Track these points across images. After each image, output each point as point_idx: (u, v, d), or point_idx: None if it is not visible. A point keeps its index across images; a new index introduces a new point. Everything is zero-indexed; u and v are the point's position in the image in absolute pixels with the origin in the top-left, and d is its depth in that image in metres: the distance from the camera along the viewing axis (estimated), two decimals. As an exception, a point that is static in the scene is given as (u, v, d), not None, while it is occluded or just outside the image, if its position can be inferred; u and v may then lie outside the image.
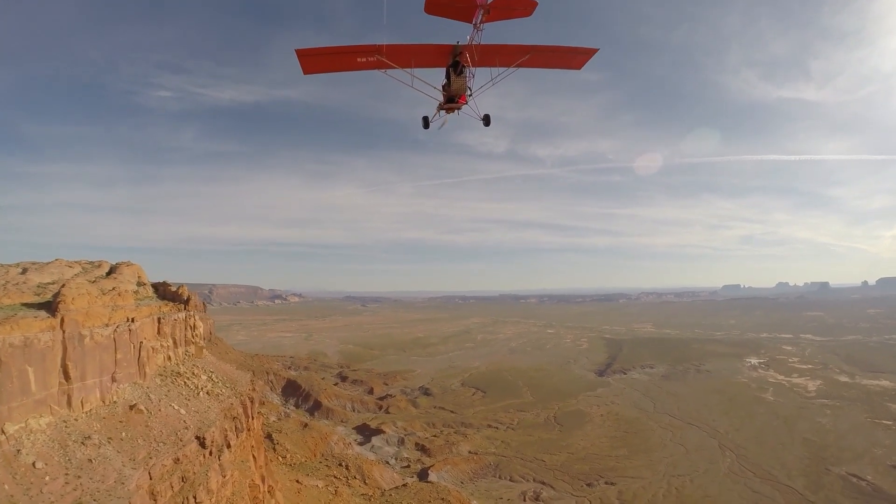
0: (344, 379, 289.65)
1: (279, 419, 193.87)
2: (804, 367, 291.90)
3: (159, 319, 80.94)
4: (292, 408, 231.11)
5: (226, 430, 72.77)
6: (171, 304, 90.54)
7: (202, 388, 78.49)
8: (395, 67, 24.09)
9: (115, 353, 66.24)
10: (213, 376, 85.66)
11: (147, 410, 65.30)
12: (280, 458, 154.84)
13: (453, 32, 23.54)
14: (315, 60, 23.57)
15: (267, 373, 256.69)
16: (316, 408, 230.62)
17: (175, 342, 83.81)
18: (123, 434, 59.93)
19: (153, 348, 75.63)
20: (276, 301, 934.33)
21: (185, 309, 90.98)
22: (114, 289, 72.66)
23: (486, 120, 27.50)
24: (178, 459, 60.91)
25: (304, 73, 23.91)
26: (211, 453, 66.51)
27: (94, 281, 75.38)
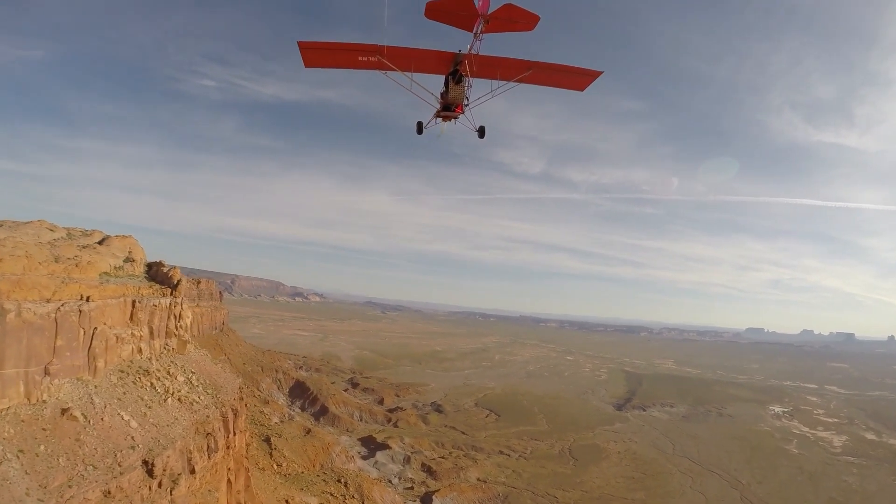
0: (355, 385, 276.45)
1: (281, 421, 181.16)
2: (829, 420, 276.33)
3: (134, 303, 65.05)
4: (297, 410, 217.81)
5: (191, 451, 55.89)
6: (158, 286, 74.90)
7: (173, 393, 61.80)
8: (394, 70, 23.75)
9: (55, 337, 49.96)
10: (194, 378, 68.97)
11: (84, 418, 48.66)
12: (276, 465, 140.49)
13: (458, 41, 22.87)
14: (317, 55, 23.56)
15: (276, 371, 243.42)
16: (322, 413, 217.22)
17: (152, 332, 67.48)
18: (42, 448, 43.53)
19: (118, 337, 59.42)
20: (297, 299, 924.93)
21: (171, 294, 74.93)
22: (74, 257, 56.65)
23: (482, 132, 27.01)
24: (110, 492, 43.88)
25: (306, 66, 23.76)
26: (160, 485, 49.19)
27: (51, 244, 59.64)
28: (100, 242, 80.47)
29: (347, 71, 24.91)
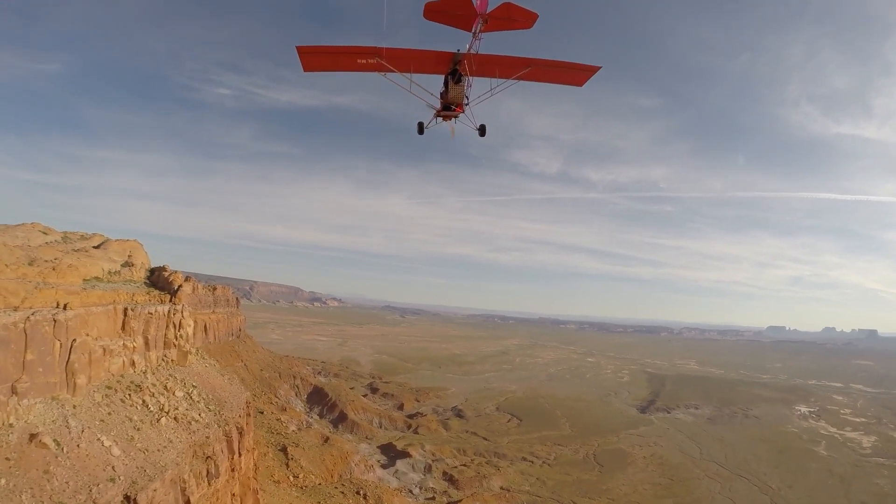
0: (374, 391, 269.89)
1: (299, 429, 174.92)
2: (857, 420, 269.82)
3: (126, 310, 57.94)
4: (316, 417, 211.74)
5: (185, 480, 48.47)
6: (157, 292, 67.91)
7: (169, 411, 54.23)
8: (394, 71, 23.66)
9: (25, 351, 42.88)
10: (195, 393, 61.40)
11: (57, 444, 41.34)
12: (292, 477, 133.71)
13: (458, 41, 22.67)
14: (315, 59, 23.56)
15: (294, 377, 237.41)
16: (341, 420, 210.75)
17: (147, 343, 60.10)
18: (3, 482, 35.80)
19: (105, 349, 52.09)
20: (315, 304, 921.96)
21: (170, 301, 67.76)
22: (53, 260, 49.51)
23: (482, 130, 26.82)
24: (80, 537, 37.27)
25: (305, 71, 23.90)
26: (144, 523, 42.48)
27: (30, 246, 52.58)
28: (97, 246, 73.98)
29: (362, 76, 25.48)
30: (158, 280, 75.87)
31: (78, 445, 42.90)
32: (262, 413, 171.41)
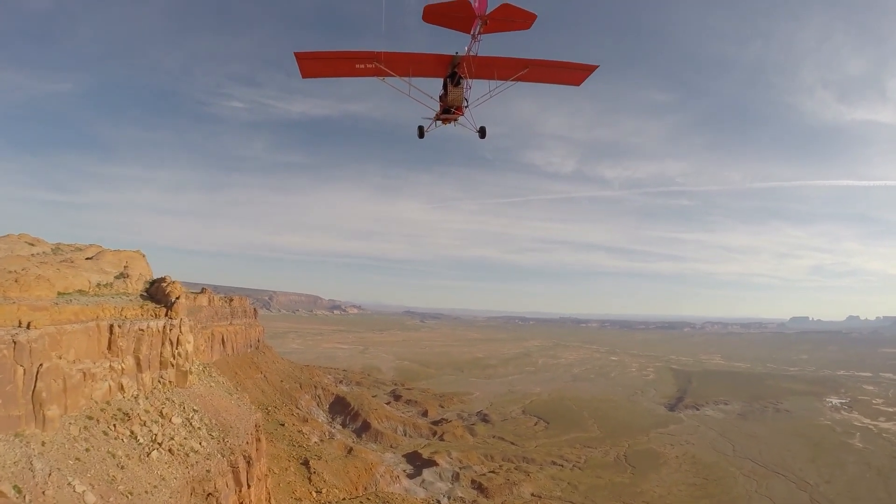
0: (397, 398, 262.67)
1: (321, 441, 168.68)
2: (890, 409, 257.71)
3: (112, 327, 50.67)
4: (338, 427, 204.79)
5: (177, 525, 41.29)
6: (153, 306, 60.72)
7: (162, 442, 46.62)
8: (392, 75, 23.67)
9: (-22, 383, 35.90)
10: (196, 419, 53.65)
11: (18, 492, 33.97)
12: (315, 493, 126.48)
13: (456, 44, 22.75)
14: (314, 64, 23.26)
15: (315, 387, 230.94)
16: (364, 429, 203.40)
17: (139, 364, 52.70)
18: (-57, 549, 29.47)
19: (86, 373, 44.74)
20: (335, 311, 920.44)
21: (166, 315, 60.34)
22: (18, 271, 42.32)
23: (482, 132, 26.78)
24: None
25: (303, 77, 23.53)
26: (122, 587, 34.81)
27: (14, 256, 45.34)
28: (90, 258, 67.13)
29: (371, 83, 25.12)
30: (157, 292, 68.72)
31: (43, 492, 35.19)
32: (283, 425, 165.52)
